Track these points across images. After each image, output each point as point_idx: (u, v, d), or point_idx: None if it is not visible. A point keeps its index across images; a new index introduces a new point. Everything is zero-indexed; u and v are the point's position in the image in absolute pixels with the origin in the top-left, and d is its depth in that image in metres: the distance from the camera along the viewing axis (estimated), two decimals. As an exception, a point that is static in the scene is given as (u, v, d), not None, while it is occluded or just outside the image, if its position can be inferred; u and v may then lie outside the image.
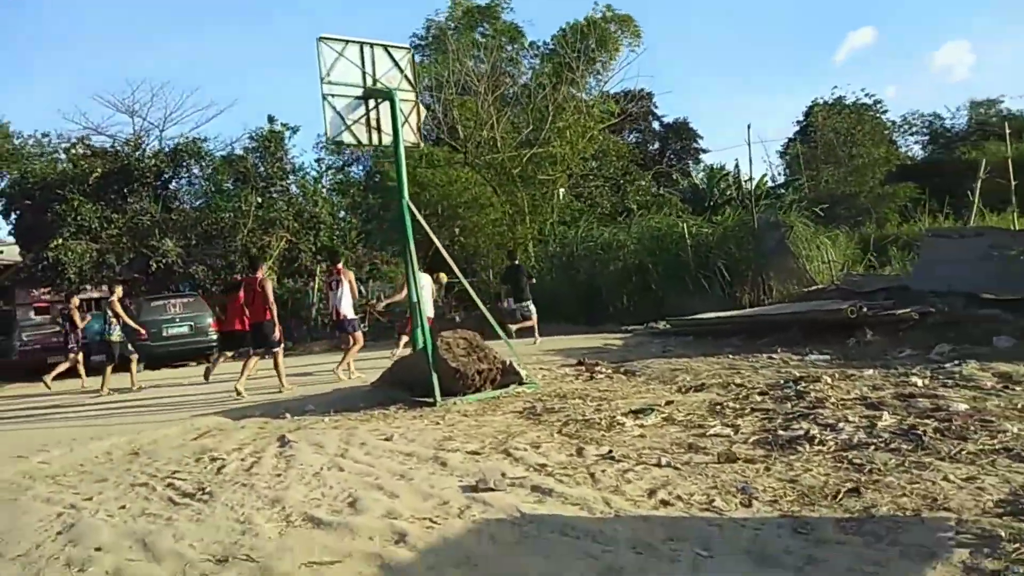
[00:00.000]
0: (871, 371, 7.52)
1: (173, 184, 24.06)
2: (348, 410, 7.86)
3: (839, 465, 4.65)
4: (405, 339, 11.50)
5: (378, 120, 9.22)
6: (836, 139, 35.96)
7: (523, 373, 8.26)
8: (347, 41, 8.94)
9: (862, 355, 8.73)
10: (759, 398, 6.66)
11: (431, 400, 7.53)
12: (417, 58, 34.16)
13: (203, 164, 23.64)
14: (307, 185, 22.62)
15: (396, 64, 9.36)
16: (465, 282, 9.58)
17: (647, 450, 5.22)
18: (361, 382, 10.01)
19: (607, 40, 28.45)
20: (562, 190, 24.47)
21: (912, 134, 46.30)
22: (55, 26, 60.73)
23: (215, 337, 17.56)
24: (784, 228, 14.16)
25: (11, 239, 24.34)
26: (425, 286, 11.11)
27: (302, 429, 6.99)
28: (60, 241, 20.40)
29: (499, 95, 23.47)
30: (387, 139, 9.28)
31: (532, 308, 13.29)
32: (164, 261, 20.05)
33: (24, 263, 24.79)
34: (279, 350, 10.24)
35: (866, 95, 38.30)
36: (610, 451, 5.19)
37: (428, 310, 10.88)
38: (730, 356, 9.40)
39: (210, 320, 17.59)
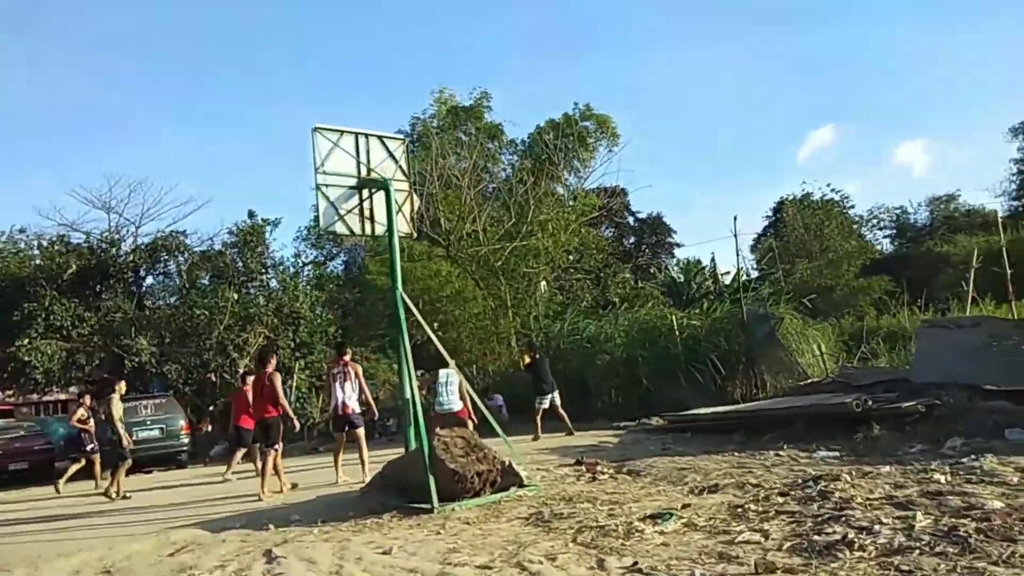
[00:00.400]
0: (887, 467, 7.20)
1: (149, 280, 23.71)
2: (337, 519, 7.32)
3: (886, 573, 4.29)
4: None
5: (371, 210, 9.08)
6: (807, 233, 36.85)
7: (523, 474, 7.81)
8: (342, 131, 8.88)
9: (871, 450, 8.42)
10: (780, 499, 6.28)
11: (428, 506, 7.05)
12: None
13: (180, 260, 23.34)
14: (287, 279, 22.28)
15: (391, 154, 9.30)
16: (460, 375, 9.19)
17: (674, 560, 4.81)
18: (347, 486, 9.48)
19: (585, 138, 29.26)
20: (544, 283, 24.45)
21: (880, 228, 47.60)
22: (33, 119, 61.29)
23: (187, 441, 16.86)
24: (774, 320, 14.08)
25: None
26: (454, 380, 10.68)
27: (289, 542, 6.45)
28: (27, 341, 19.70)
29: (480, 189, 23.70)
30: (380, 229, 9.11)
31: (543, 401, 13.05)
32: (137, 360, 19.41)
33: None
34: (272, 452, 9.70)
35: (832, 190, 39.32)
36: (635, 563, 4.77)
37: (456, 404, 10.49)
38: (735, 454, 9.03)
39: (182, 423, 16.89)
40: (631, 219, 42.21)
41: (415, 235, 9.68)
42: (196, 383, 21.42)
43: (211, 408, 21.10)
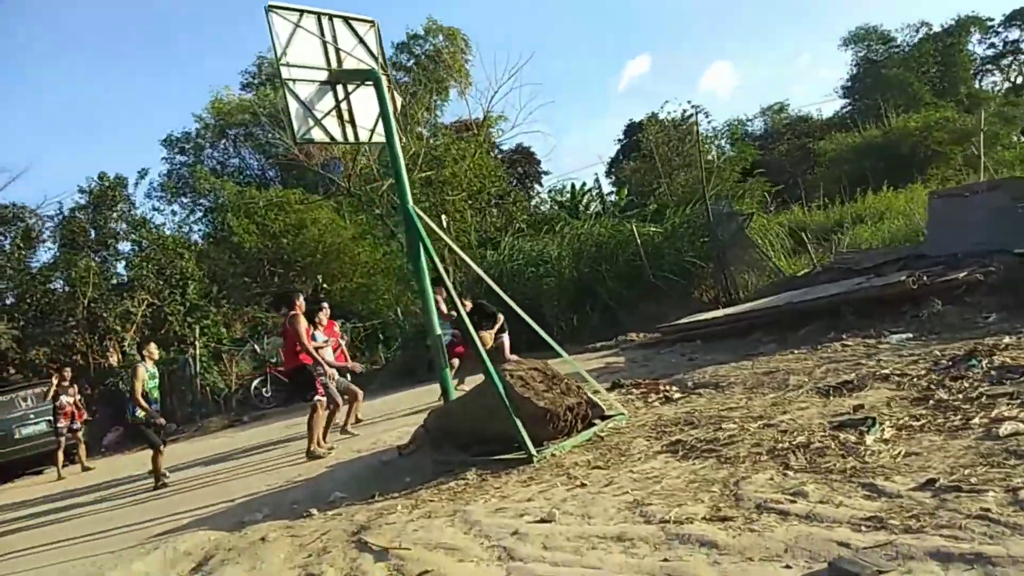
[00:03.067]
0: (1009, 338, 6.51)
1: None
2: (397, 489, 5.75)
3: None
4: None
5: (350, 111, 7.26)
6: (669, 150, 37.13)
7: (603, 403, 6.52)
8: (302, 11, 6.96)
9: (944, 326, 7.78)
10: (954, 382, 5.36)
11: (519, 455, 5.62)
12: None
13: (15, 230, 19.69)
14: (166, 236, 19.34)
15: (361, 40, 7.45)
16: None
17: (959, 467, 3.74)
18: (334, 455, 7.81)
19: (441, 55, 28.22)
20: (443, 216, 22.78)
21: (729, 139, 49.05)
22: None
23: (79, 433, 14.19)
24: (742, 217, 13.38)
25: None
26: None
27: (371, 527, 4.83)
28: None
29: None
30: (364, 134, 7.36)
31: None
32: (-4, 348, 16.17)
33: None
34: (318, 402, 8.06)
35: (692, 105, 39.90)
36: (932, 480, 3.64)
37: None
38: (793, 352, 8.14)
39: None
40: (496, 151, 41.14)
41: (402, 138, 7.87)
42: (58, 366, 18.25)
43: (91, 393, 18.08)
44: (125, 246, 19.75)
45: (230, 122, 28.97)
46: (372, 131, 7.35)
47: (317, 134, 7.03)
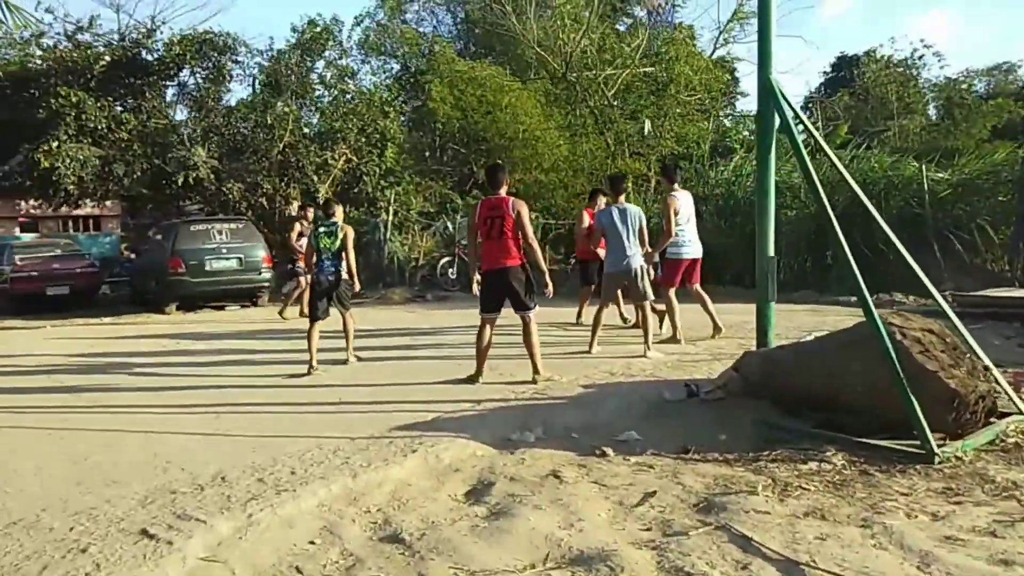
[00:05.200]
0: None
1: (192, 82, 19.75)
2: (710, 449, 4.39)
3: None
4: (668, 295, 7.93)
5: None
6: (888, 92, 32.60)
7: (1014, 395, 4.79)
8: None
9: None
10: None
11: (910, 448, 4.08)
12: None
13: (232, 61, 19.34)
14: (373, 91, 18.51)
15: None
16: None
17: None
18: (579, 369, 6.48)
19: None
20: (648, 122, 20.71)
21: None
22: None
23: (268, 276, 13.85)
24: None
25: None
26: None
27: (730, 508, 3.47)
28: (56, 144, 16.12)
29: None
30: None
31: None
32: (194, 175, 15.98)
33: (7, 169, 20.52)
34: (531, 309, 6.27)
35: (924, 45, 34.68)
36: None
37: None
38: None
39: (263, 253, 13.79)
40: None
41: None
42: (256, 208, 18.08)
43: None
44: (327, 96, 19.07)
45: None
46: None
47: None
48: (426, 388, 6.14)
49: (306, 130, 19.11)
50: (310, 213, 11.52)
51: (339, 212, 7.71)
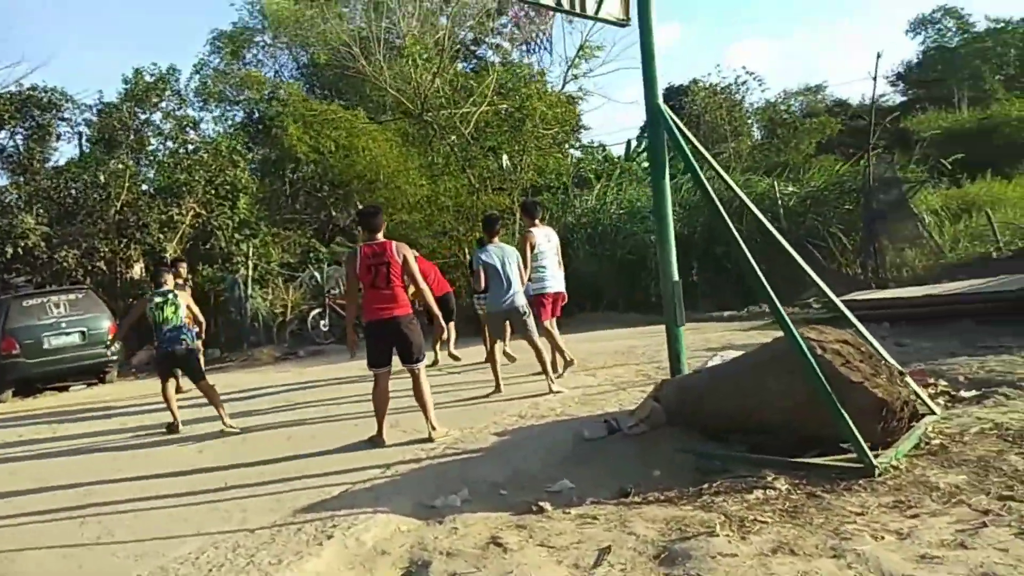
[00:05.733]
0: None
1: (12, 144, 17.95)
2: (648, 488, 4.17)
3: None
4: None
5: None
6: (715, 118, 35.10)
7: (924, 395, 4.88)
8: None
9: None
10: None
11: (847, 463, 4.02)
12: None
13: (56, 118, 17.79)
14: (219, 140, 17.45)
15: None
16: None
17: None
18: (490, 411, 6.17)
19: None
20: (505, 156, 20.87)
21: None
22: None
23: (116, 348, 12.52)
24: (907, 185, 11.63)
25: None
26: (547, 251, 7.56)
27: (695, 555, 3.22)
28: None
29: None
30: (591, 3, 5.65)
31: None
32: (23, 244, 14.37)
33: None
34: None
35: (747, 73, 37.43)
36: None
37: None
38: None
39: (107, 324, 12.45)
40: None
41: (627, 20, 6.07)
42: (95, 273, 16.52)
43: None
44: (167, 148, 17.84)
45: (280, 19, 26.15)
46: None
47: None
48: (325, 458, 5.55)
49: (145, 186, 17.84)
50: (183, 268, 10.17)
51: (170, 279, 7.53)
